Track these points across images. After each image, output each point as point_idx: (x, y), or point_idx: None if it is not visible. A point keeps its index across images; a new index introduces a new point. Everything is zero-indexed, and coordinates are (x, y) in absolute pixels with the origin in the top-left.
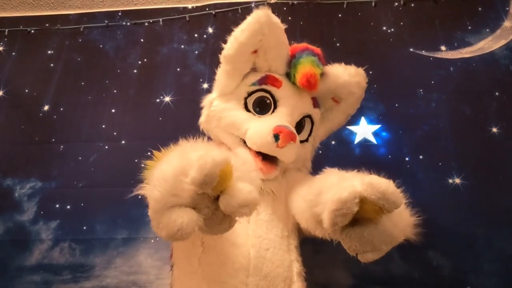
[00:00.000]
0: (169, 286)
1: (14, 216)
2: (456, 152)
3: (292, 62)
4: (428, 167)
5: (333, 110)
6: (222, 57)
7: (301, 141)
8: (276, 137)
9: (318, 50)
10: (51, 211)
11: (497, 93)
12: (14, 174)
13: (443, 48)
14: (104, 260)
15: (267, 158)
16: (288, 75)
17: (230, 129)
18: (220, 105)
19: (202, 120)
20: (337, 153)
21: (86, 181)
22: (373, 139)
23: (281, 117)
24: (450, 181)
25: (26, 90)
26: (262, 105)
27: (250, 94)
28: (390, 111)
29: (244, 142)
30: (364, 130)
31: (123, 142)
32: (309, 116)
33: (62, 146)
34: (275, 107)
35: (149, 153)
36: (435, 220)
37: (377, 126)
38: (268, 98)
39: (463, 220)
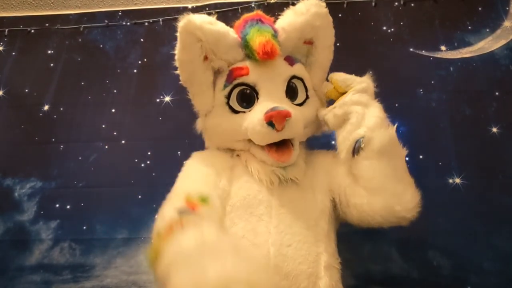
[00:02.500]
0: None
1: (14, 216)
2: (456, 152)
3: (241, 43)
4: (428, 167)
5: (313, 52)
6: (183, 83)
7: (303, 102)
8: (271, 124)
9: (258, 14)
10: (51, 211)
11: (497, 93)
12: (14, 174)
13: (443, 48)
14: (104, 260)
15: (280, 144)
16: (248, 56)
17: (234, 138)
18: (211, 123)
19: (207, 144)
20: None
21: (86, 181)
22: None
23: (267, 100)
24: (450, 181)
25: (26, 90)
26: (246, 99)
27: (228, 96)
28: (390, 111)
29: (253, 141)
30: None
31: (123, 142)
32: (294, 77)
33: (62, 146)
34: (257, 93)
35: (149, 153)
36: (435, 220)
37: None
38: (246, 89)
39: (463, 220)
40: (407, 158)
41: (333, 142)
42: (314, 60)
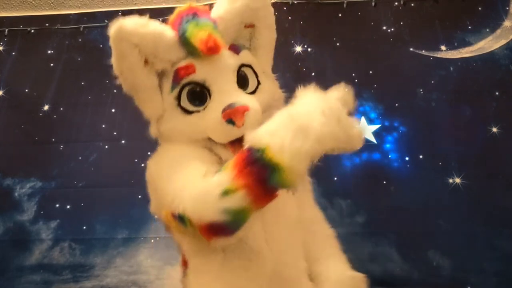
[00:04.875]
0: None
1: (14, 216)
2: (456, 152)
3: (181, 40)
4: (428, 167)
5: (256, 35)
6: (127, 92)
7: (255, 89)
8: (230, 121)
9: (191, 7)
10: (51, 211)
11: (497, 93)
12: (14, 174)
13: (443, 48)
14: (104, 260)
15: (242, 139)
16: (191, 52)
17: (192, 138)
18: (166, 128)
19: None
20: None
21: (86, 181)
22: (373, 139)
23: (221, 96)
24: (450, 181)
25: (26, 90)
26: (197, 97)
27: (178, 98)
28: (390, 111)
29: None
30: (364, 130)
31: (123, 142)
32: (242, 65)
33: (62, 146)
34: (208, 90)
35: (149, 153)
36: (435, 220)
37: (377, 126)
38: (196, 87)
39: (463, 220)
40: (407, 158)
41: None
42: (258, 43)
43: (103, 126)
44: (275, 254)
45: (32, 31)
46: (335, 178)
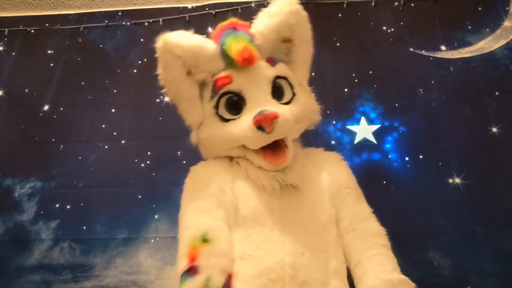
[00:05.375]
0: None
1: (14, 216)
2: (456, 152)
3: (220, 52)
4: (428, 167)
5: (293, 49)
6: (171, 101)
7: (290, 100)
8: (261, 128)
9: (232, 22)
10: (51, 211)
11: (497, 93)
12: (14, 174)
13: (443, 48)
14: (104, 260)
15: (274, 147)
16: (229, 64)
17: (228, 146)
18: (205, 135)
19: (204, 155)
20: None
21: (86, 181)
22: (373, 139)
23: (254, 105)
24: (450, 181)
25: (26, 90)
26: (234, 106)
27: (216, 107)
28: (390, 111)
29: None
30: (364, 130)
31: (123, 142)
32: (278, 77)
33: (62, 146)
34: (244, 99)
35: (149, 153)
36: (435, 220)
37: (377, 126)
38: (233, 96)
39: (463, 220)
40: (407, 158)
41: (333, 142)
42: (295, 56)
43: (103, 126)
44: (292, 257)
45: (32, 31)
46: None
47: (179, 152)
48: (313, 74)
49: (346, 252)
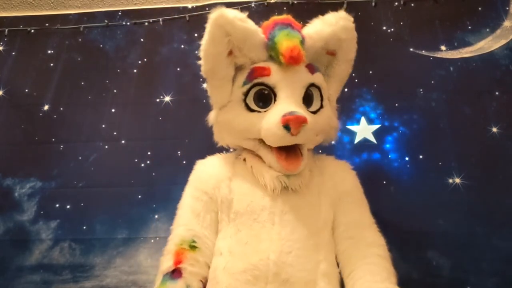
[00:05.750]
0: None
1: (14, 216)
2: (456, 152)
3: (268, 44)
4: (428, 167)
5: (334, 64)
6: (203, 74)
7: (317, 111)
8: (287, 127)
9: (288, 18)
10: (51, 211)
11: (497, 93)
12: (14, 174)
13: (443, 48)
14: (104, 260)
15: (290, 151)
16: (272, 57)
17: (245, 135)
18: (225, 118)
19: (216, 138)
20: (337, 153)
21: (86, 181)
22: (373, 139)
23: (284, 103)
24: (450, 181)
25: (26, 90)
26: (263, 99)
27: (246, 94)
28: (390, 111)
29: (263, 142)
30: (364, 130)
31: (123, 142)
32: (313, 84)
33: (62, 146)
34: (275, 95)
35: (149, 153)
36: (435, 220)
37: (377, 126)
38: (265, 89)
39: (463, 220)
40: (407, 158)
41: (333, 142)
42: (333, 71)
43: (103, 126)
44: (277, 255)
45: (32, 31)
46: None
47: (179, 152)
48: None
49: (341, 260)
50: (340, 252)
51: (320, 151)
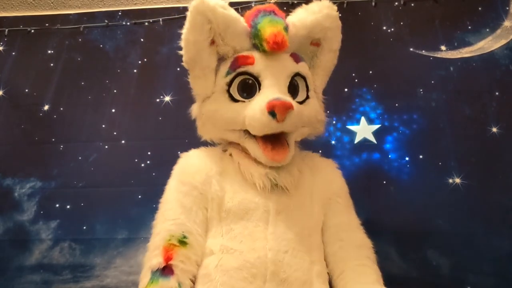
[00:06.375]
0: None
1: (14, 216)
2: (456, 152)
3: (251, 32)
4: (428, 167)
5: (318, 54)
6: (185, 64)
7: (303, 101)
8: (272, 113)
9: (270, 5)
10: (51, 211)
11: (497, 93)
12: (14, 174)
13: (443, 48)
14: (104, 260)
15: (276, 142)
16: (256, 46)
17: (229, 126)
18: (208, 109)
19: (200, 131)
20: (337, 153)
21: (86, 181)
22: (373, 139)
23: (269, 91)
24: (450, 181)
25: (26, 90)
26: (247, 88)
27: (229, 84)
28: (390, 111)
29: (248, 133)
30: (364, 130)
31: (123, 142)
32: (298, 74)
33: (62, 146)
34: (259, 84)
35: (149, 153)
36: (435, 220)
37: (377, 126)
38: (249, 79)
39: (463, 220)
40: (407, 158)
41: (333, 142)
42: (319, 62)
43: (103, 126)
44: (274, 253)
45: (32, 31)
46: None
47: (179, 152)
48: None
49: (330, 261)
50: (330, 253)
51: (320, 151)
